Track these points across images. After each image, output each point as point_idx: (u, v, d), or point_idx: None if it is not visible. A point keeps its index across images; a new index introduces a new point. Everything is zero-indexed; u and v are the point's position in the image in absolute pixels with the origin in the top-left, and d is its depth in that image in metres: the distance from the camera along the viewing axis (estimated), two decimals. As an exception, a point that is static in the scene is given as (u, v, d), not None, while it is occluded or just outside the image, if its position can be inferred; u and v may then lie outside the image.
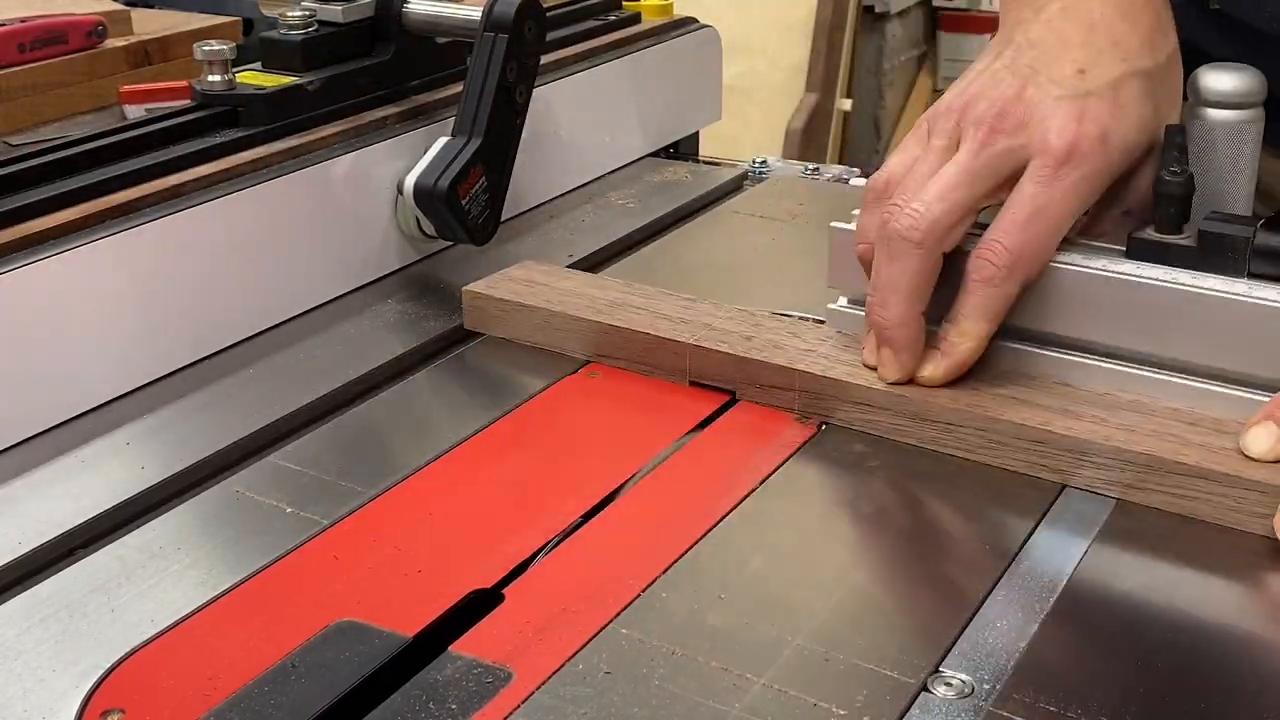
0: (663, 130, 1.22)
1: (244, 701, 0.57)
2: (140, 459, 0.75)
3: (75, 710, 0.57)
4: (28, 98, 1.49)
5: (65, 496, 0.71)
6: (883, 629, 0.62)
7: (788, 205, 1.10)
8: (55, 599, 0.64)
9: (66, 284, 0.77)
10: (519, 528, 0.68)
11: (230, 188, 0.86)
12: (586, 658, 0.59)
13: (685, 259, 1.03)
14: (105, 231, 0.79)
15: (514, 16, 0.94)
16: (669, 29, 1.23)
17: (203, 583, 0.65)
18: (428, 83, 1.03)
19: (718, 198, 1.13)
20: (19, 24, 1.53)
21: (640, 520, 0.70)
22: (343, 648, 0.60)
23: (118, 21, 1.63)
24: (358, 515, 0.70)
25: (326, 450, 0.77)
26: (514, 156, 0.97)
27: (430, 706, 0.56)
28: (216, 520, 0.71)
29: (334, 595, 0.63)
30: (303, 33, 0.96)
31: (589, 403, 0.81)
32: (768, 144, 2.84)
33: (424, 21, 1.00)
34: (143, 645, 0.61)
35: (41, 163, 0.83)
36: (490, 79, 0.94)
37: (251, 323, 0.88)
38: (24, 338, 0.75)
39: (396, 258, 0.97)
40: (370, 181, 0.95)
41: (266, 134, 0.92)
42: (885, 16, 3.28)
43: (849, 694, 0.56)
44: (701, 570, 0.65)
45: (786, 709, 0.56)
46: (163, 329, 0.82)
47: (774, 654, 0.59)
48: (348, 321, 0.90)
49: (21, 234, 0.77)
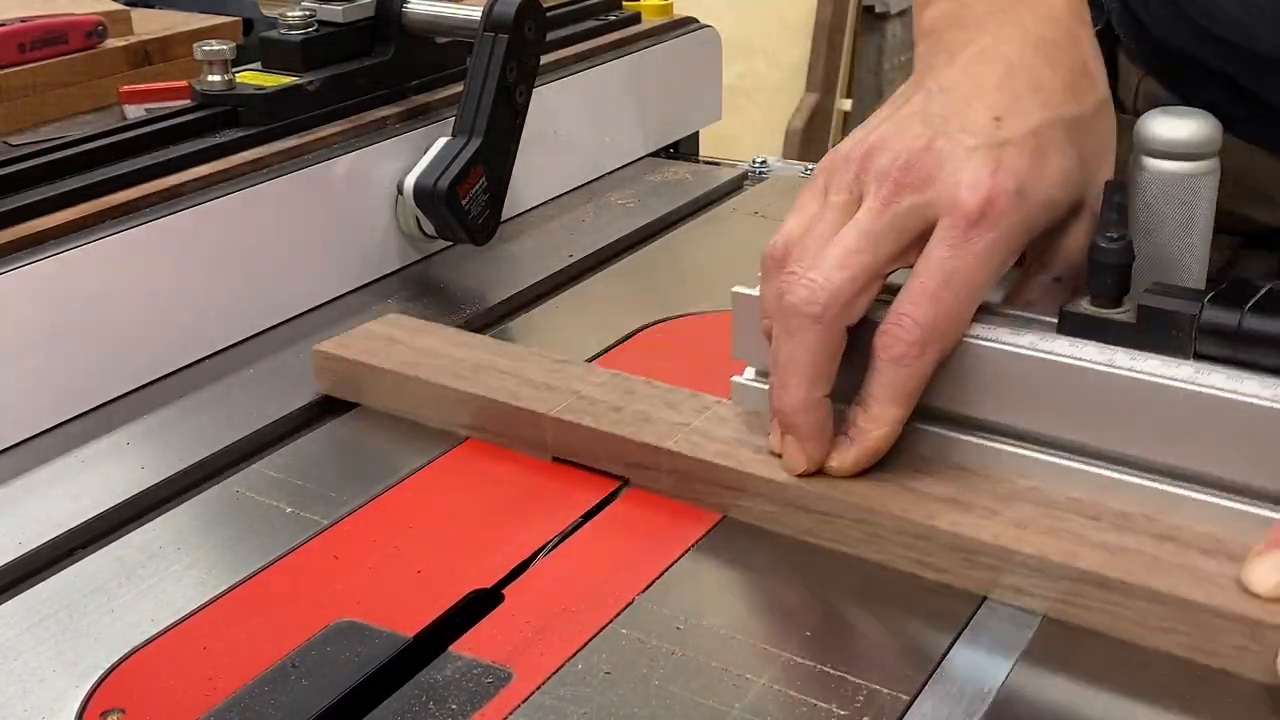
0: (663, 130, 1.22)
1: (244, 701, 0.57)
2: (140, 459, 0.75)
3: (75, 710, 0.57)
4: (28, 98, 1.49)
5: (65, 496, 0.71)
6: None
7: (787, 205, 1.09)
8: (55, 599, 0.64)
9: (66, 284, 0.77)
10: (519, 528, 0.68)
11: (230, 188, 0.86)
12: (586, 658, 0.59)
13: (685, 259, 1.03)
14: (105, 231, 0.79)
15: (514, 16, 0.94)
16: (669, 29, 1.23)
17: (203, 583, 0.65)
18: (428, 83, 1.03)
19: (718, 198, 1.13)
20: (19, 24, 1.53)
21: (639, 520, 0.69)
22: (343, 648, 0.60)
23: (118, 21, 1.63)
24: (358, 515, 0.70)
25: (327, 450, 0.77)
26: (514, 156, 0.97)
27: (430, 707, 0.56)
28: (216, 520, 0.71)
29: (334, 595, 0.63)
30: (303, 33, 0.96)
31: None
32: (768, 144, 2.84)
33: (424, 21, 1.00)
34: (143, 645, 0.61)
35: (41, 163, 0.83)
36: (490, 79, 0.94)
37: (252, 323, 0.88)
38: (24, 337, 0.75)
39: (396, 258, 0.97)
40: (370, 181, 0.95)
41: (266, 134, 0.92)
42: (885, 16, 3.28)
43: (850, 694, 0.56)
44: (702, 569, 0.65)
45: (787, 709, 0.56)
46: (163, 329, 0.82)
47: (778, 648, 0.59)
48: (348, 321, 0.90)
49: (21, 234, 0.77)
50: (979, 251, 0.63)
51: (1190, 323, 0.61)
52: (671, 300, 0.94)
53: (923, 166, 0.64)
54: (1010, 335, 0.64)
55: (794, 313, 0.64)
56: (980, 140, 0.64)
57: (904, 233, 0.64)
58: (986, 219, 0.62)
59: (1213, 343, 0.61)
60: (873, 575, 0.64)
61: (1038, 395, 0.64)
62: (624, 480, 0.71)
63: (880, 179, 0.64)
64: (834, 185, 0.66)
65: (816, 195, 0.67)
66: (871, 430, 0.65)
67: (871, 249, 0.63)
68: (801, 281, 0.64)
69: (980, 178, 0.63)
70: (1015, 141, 0.64)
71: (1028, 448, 0.65)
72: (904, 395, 0.64)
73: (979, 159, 0.63)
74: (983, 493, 0.64)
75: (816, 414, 0.65)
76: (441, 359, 0.78)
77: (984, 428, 0.66)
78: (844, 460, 0.65)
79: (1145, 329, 0.62)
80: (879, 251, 0.64)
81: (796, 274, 0.64)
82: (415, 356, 0.79)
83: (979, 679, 0.57)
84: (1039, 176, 0.64)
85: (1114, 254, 0.62)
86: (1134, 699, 0.56)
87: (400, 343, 0.81)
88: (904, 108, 0.67)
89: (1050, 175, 0.64)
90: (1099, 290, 0.63)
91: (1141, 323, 0.62)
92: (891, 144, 0.65)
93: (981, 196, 0.62)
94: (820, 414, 0.65)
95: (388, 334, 0.82)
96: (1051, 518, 0.62)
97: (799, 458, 0.66)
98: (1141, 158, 0.67)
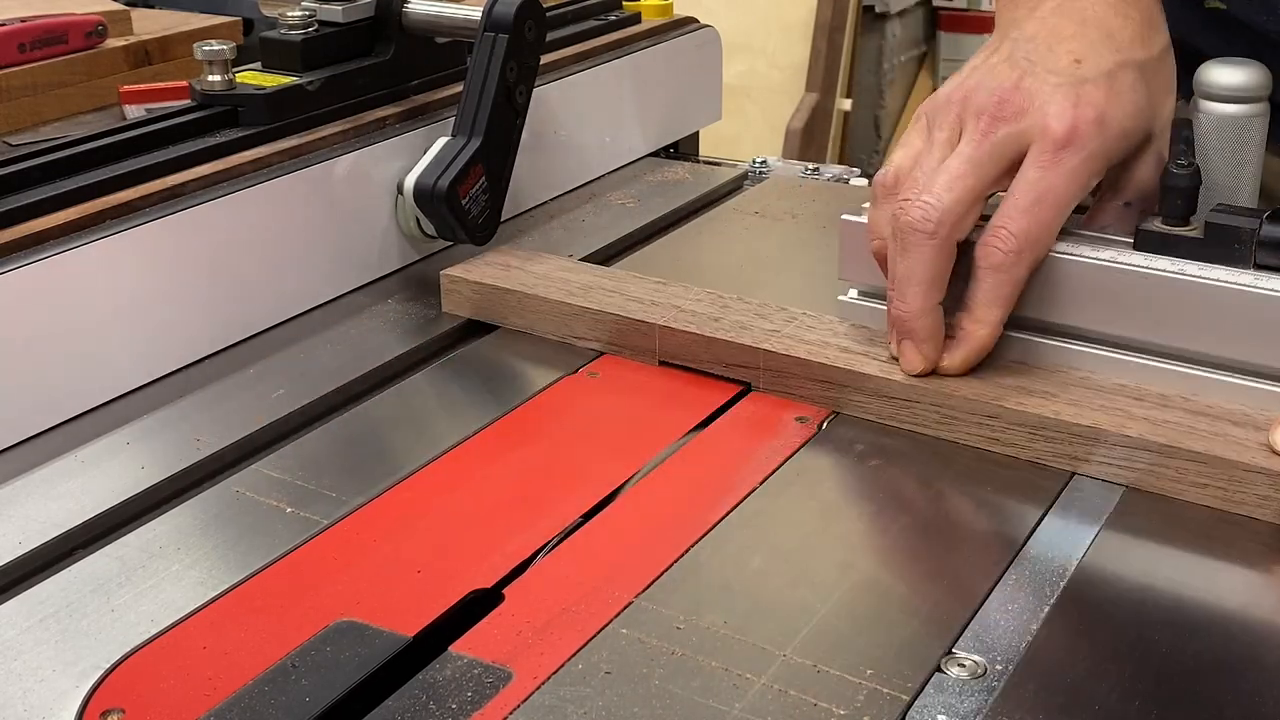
0: (663, 130, 1.22)
1: (244, 701, 0.57)
2: (140, 459, 0.75)
3: (75, 710, 0.57)
4: (28, 98, 1.50)
5: (65, 496, 0.71)
6: (895, 615, 0.63)
7: (788, 205, 1.10)
8: (55, 599, 0.64)
9: (67, 284, 0.77)
10: (519, 528, 0.68)
11: (230, 188, 0.86)
12: (586, 658, 0.59)
13: (685, 259, 1.03)
14: (106, 231, 0.79)
15: (514, 16, 0.94)
16: (669, 29, 1.23)
17: (203, 583, 0.65)
18: (428, 82, 1.03)
19: (718, 198, 1.13)
20: (19, 24, 1.53)
21: (640, 520, 0.70)
22: (343, 648, 0.60)
23: (118, 21, 1.63)
24: (358, 515, 0.70)
25: (327, 450, 0.77)
26: (514, 156, 0.97)
27: (430, 706, 0.56)
28: (216, 520, 0.71)
29: (334, 595, 0.63)
30: (303, 32, 0.96)
31: (590, 401, 0.81)
32: (768, 144, 2.84)
33: (424, 21, 1.00)
34: (143, 645, 0.61)
35: (42, 162, 0.83)
36: (490, 79, 0.94)
37: (251, 322, 0.88)
38: (25, 337, 0.75)
39: (396, 258, 0.97)
40: (370, 181, 0.95)
41: (266, 134, 0.92)
42: (885, 16, 3.28)
43: (850, 694, 0.56)
44: (702, 569, 0.65)
45: (786, 709, 0.56)
46: (163, 329, 0.82)
47: (778, 648, 0.59)
48: (347, 321, 0.90)
49: (22, 234, 0.77)
50: (1066, 171, 0.72)
51: (1251, 236, 0.71)
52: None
53: (1015, 102, 0.73)
54: (1092, 251, 0.75)
55: (910, 230, 0.73)
56: (1063, 79, 0.73)
57: (1001, 159, 0.73)
58: (1072, 144, 0.72)
59: (1271, 253, 0.71)
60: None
61: (1117, 302, 0.74)
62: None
63: (979, 114, 0.74)
64: (937, 123, 0.76)
65: (921, 133, 0.77)
66: (977, 331, 0.74)
67: (975, 173, 0.73)
68: (917, 204, 0.73)
69: (1065, 109, 0.72)
70: (1093, 80, 0.73)
71: (1092, 346, 0.76)
72: (1003, 298, 0.74)
73: (1063, 94, 0.73)
74: (1050, 381, 0.75)
75: (932, 319, 0.75)
76: (555, 281, 0.89)
77: (1066, 333, 0.76)
78: (954, 359, 0.75)
79: (1211, 243, 0.72)
80: (981, 175, 0.73)
81: (911, 198, 0.74)
82: (533, 280, 0.90)
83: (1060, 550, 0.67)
84: (1115, 109, 0.73)
85: (1184, 178, 0.73)
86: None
87: (517, 269, 0.91)
88: (992, 56, 0.76)
89: (1125, 108, 0.74)
90: (1170, 211, 0.74)
91: (1208, 238, 0.72)
92: (986, 84, 0.75)
93: (1067, 124, 0.72)
94: (935, 319, 0.75)
95: (503, 262, 0.93)
96: (1164, 412, 0.72)
97: (916, 359, 0.75)
98: (1199, 101, 0.76)
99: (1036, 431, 0.72)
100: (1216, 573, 0.66)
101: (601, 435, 0.78)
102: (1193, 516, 0.68)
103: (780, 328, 0.81)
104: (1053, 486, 0.71)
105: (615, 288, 0.88)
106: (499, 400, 0.82)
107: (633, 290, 0.87)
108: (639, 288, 0.88)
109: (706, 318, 0.83)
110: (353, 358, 0.85)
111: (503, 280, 0.90)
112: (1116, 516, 0.69)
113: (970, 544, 0.69)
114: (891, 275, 0.75)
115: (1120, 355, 0.75)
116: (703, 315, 0.83)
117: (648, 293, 0.87)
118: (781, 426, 0.77)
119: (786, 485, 0.72)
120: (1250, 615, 0.63)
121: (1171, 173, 0.73)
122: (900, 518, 0.71)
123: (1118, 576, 0.65)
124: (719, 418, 0.79)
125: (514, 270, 0.91)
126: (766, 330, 0.81)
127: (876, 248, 0.78)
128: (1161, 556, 0.67)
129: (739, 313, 0.83)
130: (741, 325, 0.82)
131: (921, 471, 0.73)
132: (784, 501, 0.71)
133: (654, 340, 0.83)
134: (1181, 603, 0.64)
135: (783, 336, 0.80)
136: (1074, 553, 0.66)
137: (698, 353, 0.82)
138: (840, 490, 0.74)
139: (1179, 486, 0.69)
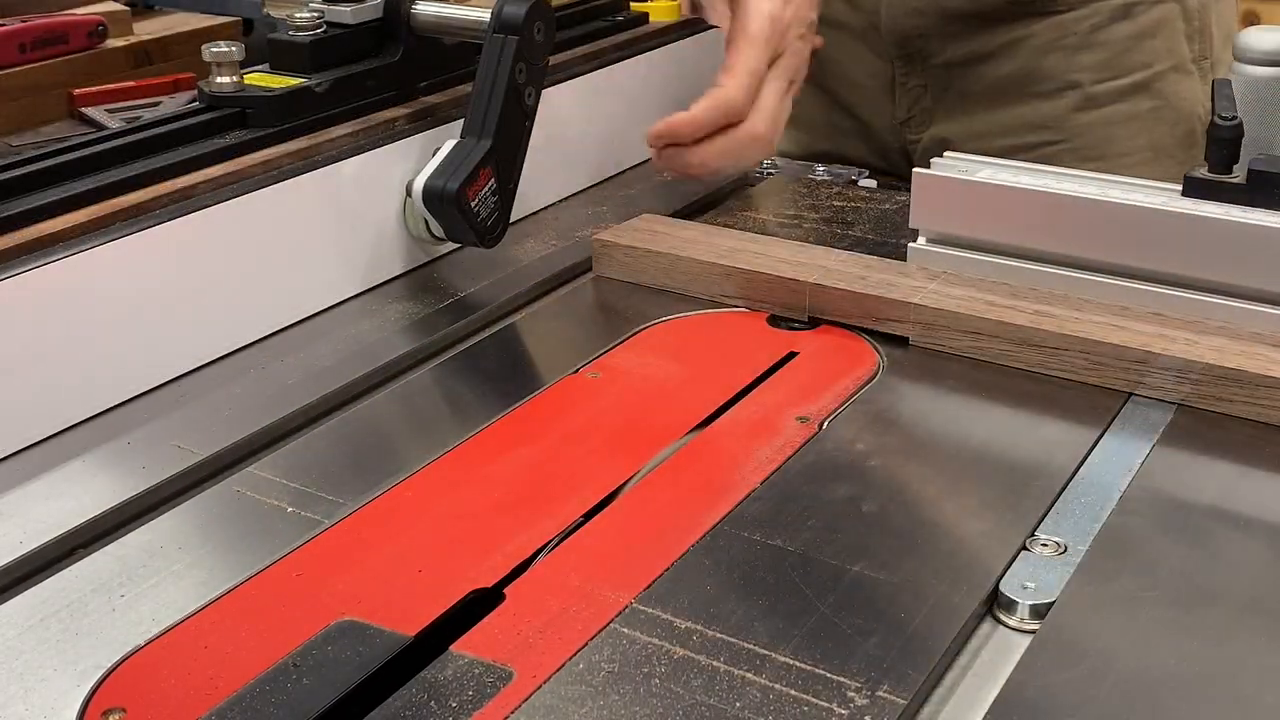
0: (671, 131, 1.22)
1: (244, 701, 0.57)
2: (141, 459, 0.75)
3: (76, 710, 0.57)
4: (28, 98, 1.50)
5: (66, 496, 0.71)
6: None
7: (788, 205, 1.10)
8: (56, 599, 0.64)
9: (76, 287, 0.77)
10: (520, 527, 0.68)
11: (238, 190, 0.86)
12: (587, 657, 0.59)
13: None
14: (114, 234, 0.79)
15: (523, 18, 0.94)
16: (677, 29, 1.23)
17: (203, 583, 0.65)
18: (436, 84, 1.03)
19: (719, 198, 1.13)
20: (19, 24, 1.53)
21: (641, 520, 0.69)
22: (343, 647, 0.60)
23: (118, 21, 1.64)
24: (358, 515, 0.70)
25: (327, 450, 0.77)
26: (523, 158, 0.97)
27: (431, 706, 0.56)
28: (217, 520, 0.71)
29: (334, 595, 0.63)
30: (311, 34, 0.96)
31: (590, 401, 0.81)
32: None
33: (432, 23, 1.00)
34: (144, 645, 0.61)
35: (48, 165, 0.83)
36: (499, 80, 0.94)
37: (259, 325, 0.88)
38: (34, 340, 0.75)
39: (405, 260, 0.97)
40: (378, 183, 0.95)
41: (275, 136, 0.91)
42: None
43: (850, 695, 0.56)
44: (702, 569, 0.65)
45: (787, 709, 0.55)
46: (171, 332, 0.82)
47: (778, 648, 0.58)
48: (355, 324, 0.90)
49: (31, 236, 0.77)
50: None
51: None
52: (672, 300, 0.94)
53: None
54: (1145, 198, 0.83)
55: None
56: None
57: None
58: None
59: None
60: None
61: (1168, 243, 0.82)
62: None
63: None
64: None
65: None
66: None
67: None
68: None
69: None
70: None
71: (1155, 286, 0.83)
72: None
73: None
74: (1127, 316, 0.82)
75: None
76: (702, 245, 0.96)
77: (1126, 274, 0.84)
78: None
79: (1254, 188, 0.80)
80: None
81: None
82: (681, 244, 0.96)
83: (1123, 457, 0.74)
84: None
85: (1228, 130, 0.81)
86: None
87: (663, 234, 0.98)
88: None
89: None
90: (1216, 159, 0.82)
91: (1251, 183, 0.80)
92: None
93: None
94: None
95: (649, 228, 0.99)
96: (1237, 345, 0.79)
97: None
98: (1236, 64, 0.89)
99: (1182, 375, 0.78)
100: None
101: (601, 435, 0.78)
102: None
103: (924, 284, 0.87)
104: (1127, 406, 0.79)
105: (760, 250, 0.94)
106: (500, 400, 0.82)
107: (777, 252, 0.93)
108: (783, 249, 0.94)
109: (854, 276, 0.89)
110: (359, 361, 0.85)
111: (653, 244, 0.96)
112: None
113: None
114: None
115: (1177, 293, 0.82)
116: (850, 274, 0.89)
117: (792, 253, 0.93)
118: (781, 426, 0.77)
119: (787, 484, 0.72)
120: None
121: (1216, 124, 0.81)
122: (909, 511, 0.70)
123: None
124: (719, 417, 0.79)
125: (660, 235, 0.97)
126: (913, 286, 0.86)
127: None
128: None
129: (883, 271, 0.89)
130: (888, 283, 0.87)
131: (919, 469, 0.73)
132: (784, 501, 0.71)
133: (804, 298, 0.89)
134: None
135: (929, 292, 0.86)
136: (1136, 459, 0.74)
137: (849, 309, 0.88)
138: (840, 490, 0.74)
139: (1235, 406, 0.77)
